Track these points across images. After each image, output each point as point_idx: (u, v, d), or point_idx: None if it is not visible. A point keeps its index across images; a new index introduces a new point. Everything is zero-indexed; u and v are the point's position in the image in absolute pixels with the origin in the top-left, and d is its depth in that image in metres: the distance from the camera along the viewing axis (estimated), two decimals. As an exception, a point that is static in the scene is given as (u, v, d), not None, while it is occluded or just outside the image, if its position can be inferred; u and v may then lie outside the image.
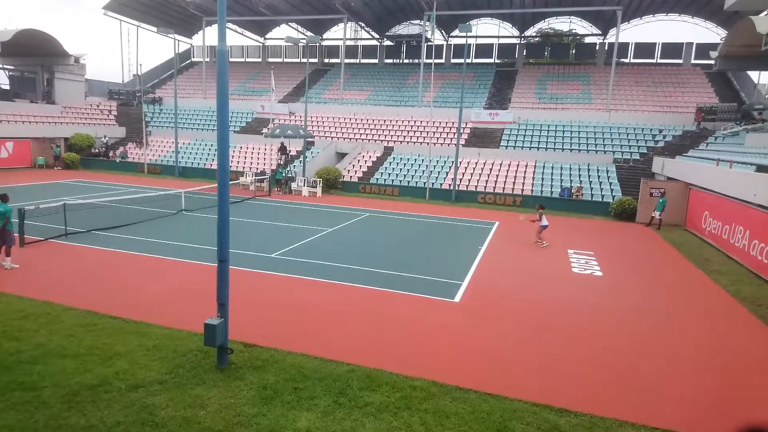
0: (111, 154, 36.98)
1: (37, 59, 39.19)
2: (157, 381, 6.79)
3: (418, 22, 44.91)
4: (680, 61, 41.16)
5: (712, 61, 39.53)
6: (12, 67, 40.50)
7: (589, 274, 13.75)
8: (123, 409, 6.09)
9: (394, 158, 32.26)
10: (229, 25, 45.93)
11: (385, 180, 29.99)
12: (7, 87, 40.00)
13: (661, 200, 21.58)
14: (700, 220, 20.20)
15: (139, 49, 76.38)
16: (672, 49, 41.85)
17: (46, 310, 9.07)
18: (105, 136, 38.38)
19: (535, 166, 29.63)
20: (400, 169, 30.91)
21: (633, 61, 43.47)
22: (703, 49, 39.99)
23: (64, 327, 8.40)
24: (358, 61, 50.51)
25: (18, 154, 32.93)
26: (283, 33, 48.50)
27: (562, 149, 30.98)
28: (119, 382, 6.72)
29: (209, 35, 45.74)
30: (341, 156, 33.97)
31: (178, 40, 46.68)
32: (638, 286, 12.93)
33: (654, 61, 42.75)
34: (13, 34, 34.24)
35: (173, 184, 27.47)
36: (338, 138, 35.41)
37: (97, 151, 36.94)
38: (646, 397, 7.07)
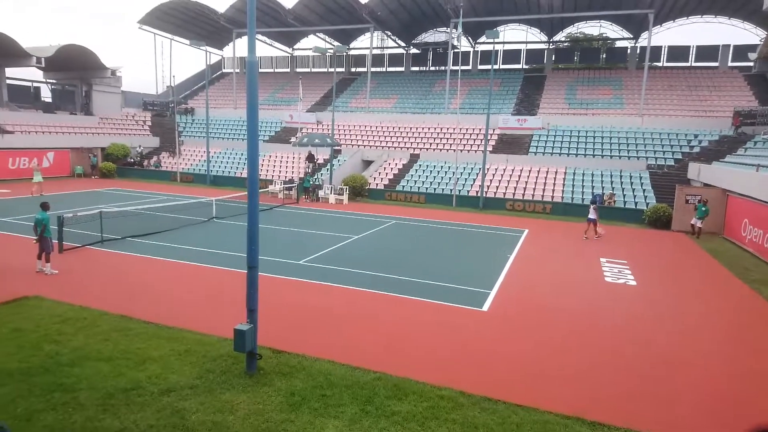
0: (145, 163, 38.13)
1: (76, 73, 40.83)
2: (188, 385, 6.91)
3: (444, 29, 44.92)
4: (716, 64, 39.90)
5: (751, 63, 38.23)
6: (54, 81, 42.28)
7: (622, 284, 13.38)
8: (155, 413, 6.21)
9: (420, 165, 32.22)
10: (259, 36, 46.89)
11: (411, 187, 29.95)
12: (50, 100, 41.75)
13: (702, 208, 20.76)
14: (739, 227, 19.44)
15: (172, 61, 78.77)
16: (707, 52, 40.62)
17: (83, 315, 9.36)
18: (140, 146, 39.64)
19: (565, 173, 29.12)
20: (427, 177, 30.83)
21: (666, 64, 42.41)
22: (741, 51, 38.70)
23: (100, 331, 8.65)
24: (384, 69, 50.81)
25: (58, 163, 34.30)
26: (311, 43, 49.23)
27: (593, 155, 30.36)
28: (151, 385, 6.87)
29: (239, 47, 47.04)
30: (367, 164, 34.14)
31: (210, 52, 47.91)
32: (674, 296, 12.50)
33: (688, 64, 41.58)
34: (56, 49, 35.82)
35: (205, 192, 28.09)
36: (364, 146, 35.61)
37: (132, 160, 38.16)
38: (682, 410, 6.80)
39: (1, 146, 31.05)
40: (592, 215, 19.49)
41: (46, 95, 42.20)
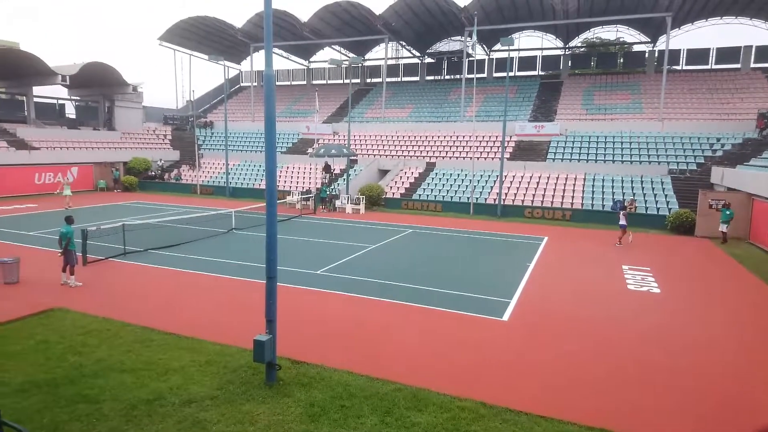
0: (166, 176, 38.83)
1: (99, 89, 41.96)
2: (208, 396, 6.95)
3: (458, 38, 45.01)
4: (738, 66, 39.10)
5: (775, 64, 37.38)
6: (78, 98, 43.46)
7: (645, 291, 13.10)
8: (176, 424, 6.25)
9: (436, 174, 32.17)
10: (276, 50, 47.54)
11: (427, 196, 29.89)
12: (74, 116, 42.91)
13: (726, 212, 20.27)
14: (766, 232, 18.91)
15: (191, 76, 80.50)
16: (728, 54, 39.86)
17: (106, 327, 9.52)
18: (161, 160, 40.42)
19: (584, 179, 28.76)
20: (443, 185, 30.76)
21: (686, 67, 41.71)
22: (765, 52, 37.90)
23: (123, 343, 8.78)
24: (399, 79, 51.03)
25: (82, 178, 35.13)
26: (327, 56, 49.82)
27: (613, 161, 29.96)
28: (173, 396, 6.93)
29: (257, 61, 47.53)
30: (383, 173, 34.22)
31: (228, 67, 48.75)
32: (699, 304, 12.20)
33: (708, 67, 40.85)
34: (80, 67, 36.89)
35: (224, 204, 28.44)
36: (380, 155, 35.73)
37: (153, 173, 38.90)
38: (708, 422, 6.60)
39: (28, 162, 31.96)
40: (622, 221, 19.38)
41: (70, 112, 43.41)
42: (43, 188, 32.43)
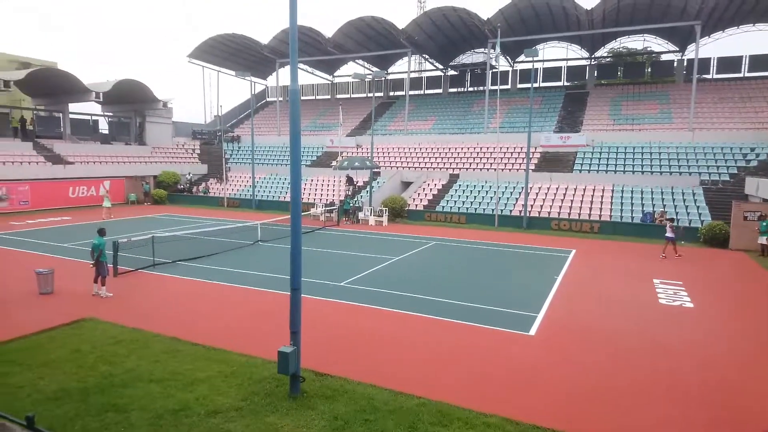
0: (194, 189, 39.69)
1: (131, 105, 43.35)
2: (233, 407, 7.00)
3: (482, 50, 44.96)
4: (773, 74, 37.99)
5: (811, 71, 36.13)
6: (111, 114, 44.96)
7: (678, 306, 12.69)
8: (202, 435, 6.30)
9: (459, 185, 32.02)
10: (300, 65, 48.39)
11: (451, 208, 29.75)
12: (107, 131, 44.35)
13: (763, 224, 19.56)
14: (807, 245, 18.15)
15: (219, 91, 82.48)
16: (762, 61, 38.73)
17: (135, 337, 9.71)
18: (189, 173, 41.38)
19: (612, 190, 28.20)
20: (467, 197, 30.57)
21: (716, 76, 40.70)
22: (800, 59, 36.70)
23: (152, 353, 8.93)
24: (422, 92, 51.23)
25: (114, 191, 36.13)
26: (350, 70, 50.43)
27: (642, 172, 29.32)
28: (199, 407, 7.00)
29: (282, 76, 48.47)
30: (406, 185, 34.24)
31: (254, 82, 49.77)
32: (735, 319, 11.74)
33: (741, 75, 39.76)
34: (113, 84, 38.26)
35: (250, 217, 28.86)
36: (403, 167, 35.80)
37: (182, 187, 39.84)
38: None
39: (63, 176, 33.13)
40: (669, 233, 19.09)
41: (103, 127, 44.85)
42: (77, 201, 33.50)
